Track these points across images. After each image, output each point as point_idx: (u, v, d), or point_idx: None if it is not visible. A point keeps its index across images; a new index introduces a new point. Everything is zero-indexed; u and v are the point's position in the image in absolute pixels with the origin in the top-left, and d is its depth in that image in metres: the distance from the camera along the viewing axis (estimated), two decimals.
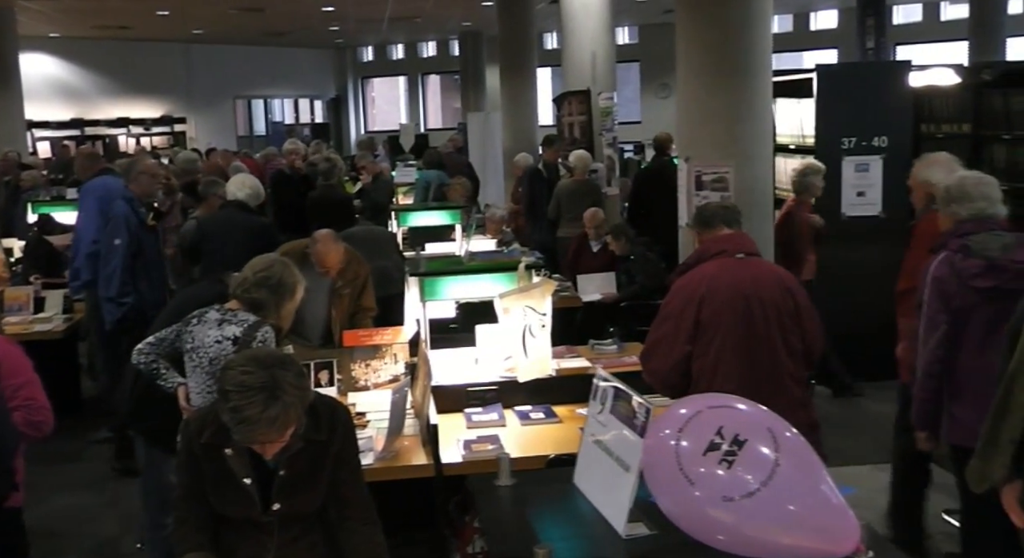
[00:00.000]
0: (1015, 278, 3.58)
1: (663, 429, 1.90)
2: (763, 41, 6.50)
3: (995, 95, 7.94)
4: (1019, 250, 3.66)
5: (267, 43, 24.83)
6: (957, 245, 3.77)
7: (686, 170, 6.56)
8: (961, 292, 3.72)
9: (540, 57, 16.68)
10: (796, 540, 1.81)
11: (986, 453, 2.80)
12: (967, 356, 3.75)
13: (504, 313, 4.61)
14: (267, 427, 2.71)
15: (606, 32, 12.22)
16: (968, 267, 3.70)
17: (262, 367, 2.74)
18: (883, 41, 19.05)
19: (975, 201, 3.86)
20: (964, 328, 3.74)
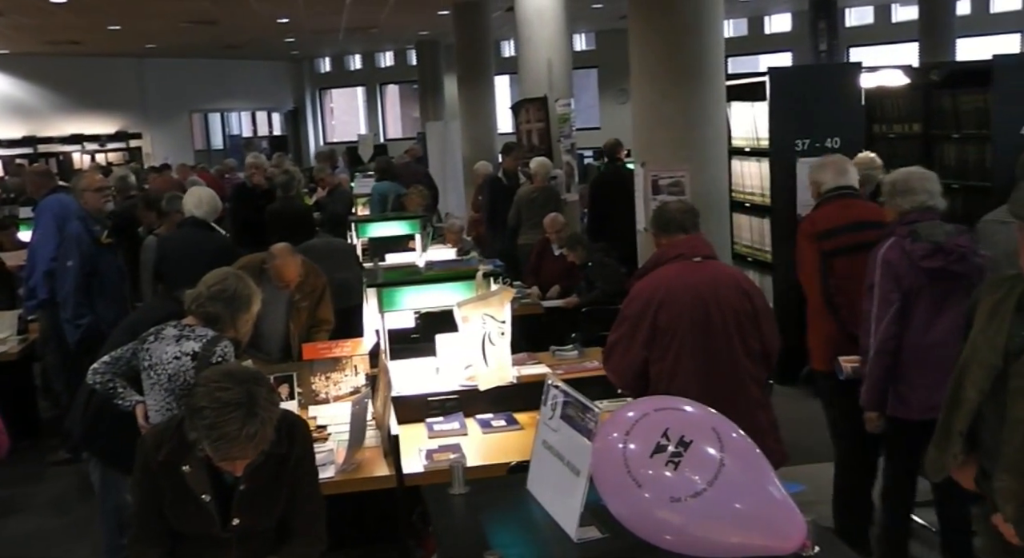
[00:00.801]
0: (958, 260, 3.99)
1: (611, 432, 1.91)
2: (715, 45, 6.56)
3: (944, 95, 8.07)
4: (960, 237, 4.07)
5: (222, 56, 24.68)
6: (905, 231, 4.11)
7: (642, 175, 6.61)
8: (911, 273, 4.05)
9: (497, 65, 16.73)
10: (743, 538, 1.83)
11: (941, 444, 2.86)
12: (913, 334, 4.09)
13: (463, 322, 4.60)
14: (245, 444, 2.71)
15: (562, 39, 12.27)
16: (917, 249, 4.04)
17: (238, 383, 2.73)
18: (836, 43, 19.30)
19: (918, 194, 4.21)
20: (912, 308, 4.07)
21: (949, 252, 4.01)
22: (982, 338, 2.74)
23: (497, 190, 10.56)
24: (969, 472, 2.81)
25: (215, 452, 2.73)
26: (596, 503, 1.95)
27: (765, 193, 7.78)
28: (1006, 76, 7.34)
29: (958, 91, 7.88)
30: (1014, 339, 2.66)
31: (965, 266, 4.00)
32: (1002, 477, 2.62)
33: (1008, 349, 2.67)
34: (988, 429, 2.72)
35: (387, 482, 3.92)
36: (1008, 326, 2.68)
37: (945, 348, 3.87)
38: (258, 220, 8.91)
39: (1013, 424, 2.60)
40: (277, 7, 16.27)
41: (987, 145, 7.51)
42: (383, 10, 17.20)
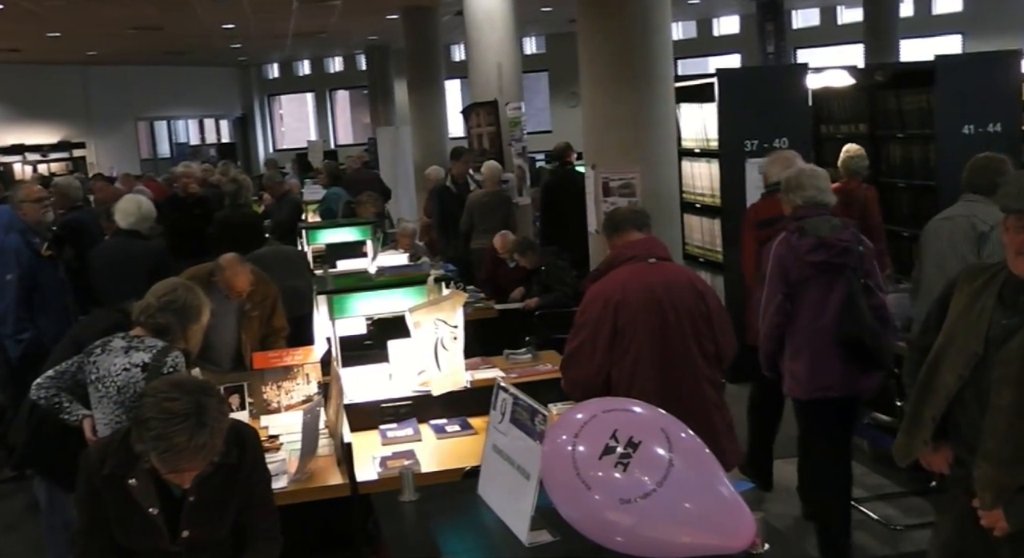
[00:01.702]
0: (840, 254, 4.35)
1: (560, 435, 1.90)
2: (664, 47, 6.60)
3: (888, 96, 8.18)
4: (844, 231, 4.41)
5: (168, 63, 24.36)
6: (795, 227, 4.48)
7: (593, 177, 6.62)
8: (797, 266, 4.41)
9: (448, 69, 16.70)
10: (694, 538, 1.82)
11: (910, 429, 2.89)
12: (804, 320, 4.42)
13: (415, 327, 4.57)
14: (194, 455, 2.66)
15: (512, 42, 12.27)
16: (803, 245, 4.40)
17: (186, 393, 2.69)
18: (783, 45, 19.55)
19: (807, 190, 4.55)
20: (802, 297, 4.42)
21: (831, 246, 4.35)
22: (962, 325, 2.76)
23: (446, 196, 10.53)
24: (941, 457, 2.84)
25: (163, 464, 2.67)
26: (547, 506, 1.93)
27: (715, 194, 7.84)
28: (948, 76, 7.46)
29: (902, 91, 8.00)
30: (996, 327, 2.68)
31: (846, 258, 4.35)
32: (982, 465, 2.64)
33: (989, 337, 2.69)
34: (967, 416, 2.75)
35: (341, 491, 3.88)
36: (990, 314, 2.70)
37: (829, 333, 4.35)
38: (193, 229, 8.77)
39: (995, 412, 2.62)
40: (223, 13, 16.11)
41: (931, 144, 7.63)
42: (331, 15, 17.10)
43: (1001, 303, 2.69)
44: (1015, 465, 2.60)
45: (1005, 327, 2.65)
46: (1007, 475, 2.61)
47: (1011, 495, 2.60)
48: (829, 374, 4.39)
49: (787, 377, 4.52)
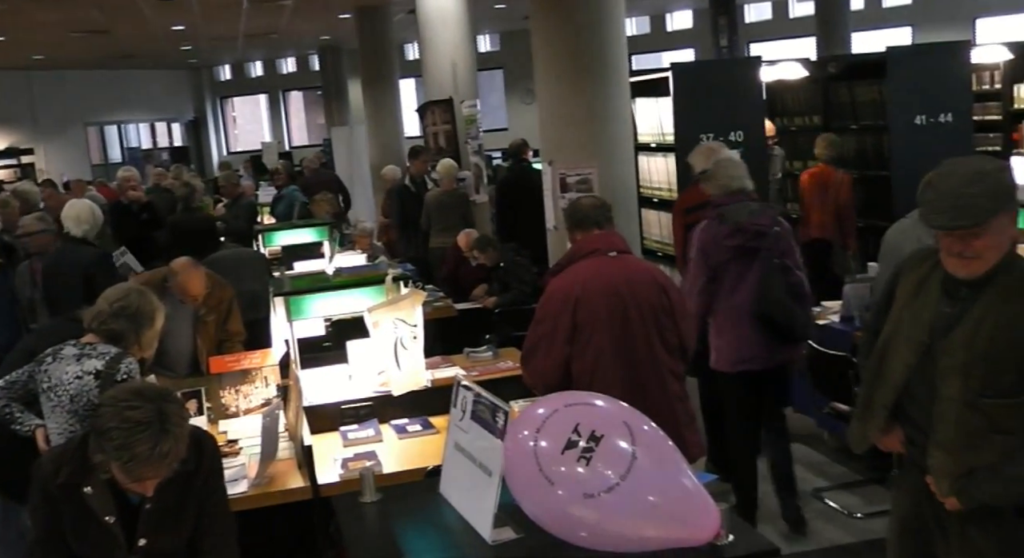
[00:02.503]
0: (754, 237, 4.71)
1: (521, 430, 1.87)
2: (617, 42, 6.60)
3: (841, 87, 8.26)
4: (761, 216, 4.75)
5: (117, 66, 23.98)
6: (715, 214, 4.84)
7: (550, 173, 6.61)
8: (717, 251, 4.77)
9: (402, 68, 16.62)
10: (658, 531, 1.81)
11: (863, 417, 2.91)
12: (726, 299, 4.79)
13: (374, 327, 4.53)
14: (159, 463, 2.60)
15: (466, 40, 12.23)
16: (721, 231, 4.77)
17: (147, 401, 2.63)
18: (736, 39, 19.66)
19: (721, 179, 4.90)
20: (723, 278, 4.79)
21: (746, 231, 4.72)
22: (908, 313, 2.78)
23: (405, 195, 10.47)
24: (894, 437, 2.87)
25: (126, 473, 2.61)
26: (510, 503, 1.91)
27: (672, 188, 7.84)
28: (899, 67, 7.54)
29: (855, 83, 8.08)
30: (940, 316, 2.70)
31: (761, 241, 4.72)
32: (935, 453, 2.67)
33: (934, 326, 2.71)
34: (916, 403, 2.77)
35: (302, 494, 3.83)
36: (935, 303, 2.72)
37: (747, 310, 4.73)
38: (141, 236, 8.63)
39: (944, 402, 2.65)
40: (171, 15, 15.89)
41: (884, 135, 7.71)
42: (282, 15, 16.95)
43: (945, 292, 2.71)
44: (965, 452, 2.64)
45: (948, 316, 2.68)
46: (958, 462, 2.65)
47: (964, 479, 2.64)
48: (748, 348, 4.78)
49: (713, 352, 4.88)
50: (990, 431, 2.61)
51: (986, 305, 2.62)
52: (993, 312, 2.61)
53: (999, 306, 2.61)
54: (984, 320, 2.61)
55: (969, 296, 2.66)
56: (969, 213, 2.55)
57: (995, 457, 2.62)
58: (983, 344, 2.60)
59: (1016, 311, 2.59)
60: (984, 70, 9.18)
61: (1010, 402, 2.59)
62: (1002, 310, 2.60)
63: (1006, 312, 2.60)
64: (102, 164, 25.29)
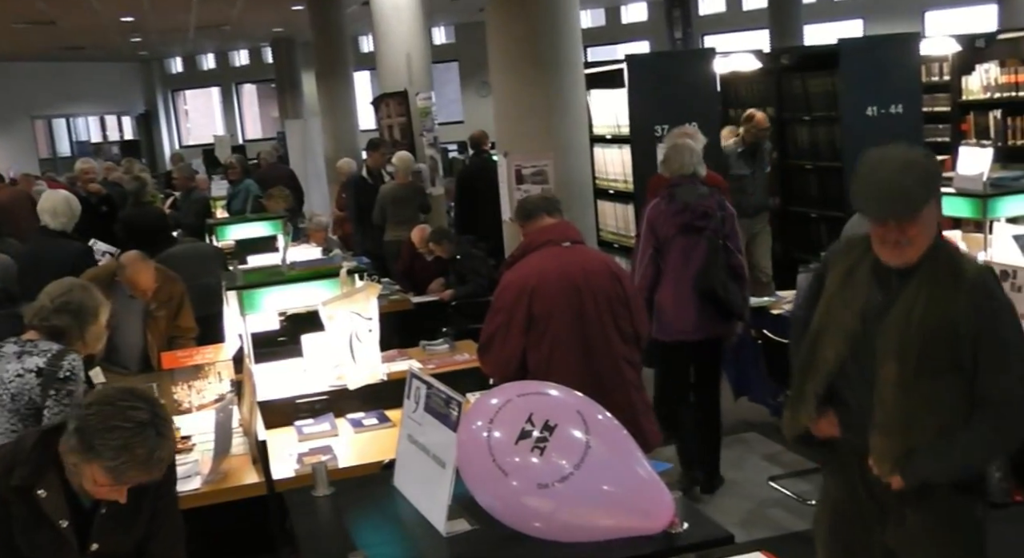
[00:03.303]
0: (700, 217, 5.05)
1: (475, 421, 1.86)
2: (572, 34, 6.59)
3: (794, 79, 8.32)
4: (708, 199, 5.12)
5: (65, 58, 23.51)
6: (665, 194, 5.18)
7: (506, 165, 6.60)
8: (664, 226, 5.10)
9: (357, 60, 16.52)
10: (612, 519, 1.80)
11: (795, 405, 2.92)
12: (670, 273, 5.08)
13: (329, 320, 4.48)
14: (151, 467, 2.52)
15: (420, 32, 12.18)
16: (670, 208, 5.11)
17: (144, 402, 2.56)
18: (690, 31, 19.80)
19: (672, 163, 5.27)
20: (669, 254, 5.09)
21: (694, 210, 5.07)
22: (838, 301, 2.80)
23: (362, 188, 10.39)
24: (827, 422, 2.88)
25: (114, 475, 2.50)
26: (465, 495, 1.90)
27: (628, 179, 7.87)
28: (851, 59, 7.62)
29: (807, 74, 8.14)
30: (871, 303, 2.73)
31: (706, 221, 5.05)
32: (876, 436, 2.70)
33: (866, 313, 2.74)
34: (851, 390, 2.79)
35: (257, 489, 3.78)
36: (866, 290, 2.75)
37: (690, 285, 5.05)
38: (99, 229, 8.49)
39: (882, 386, 2.68)
40: (119, 5, 15.63)
41: (836, 126, 7.78)
42: (233, 6, 16.74)
43: (876, 280, 2.75)
44: (905, 432, 2.68)
45: (880, 303, 2.72)
46: (899, 443, 2.68)
47: (905, 459, 2.69)
48: (687, 320, 5.08)
49: (654, 323, 5.00)
50: (927, 411, 2.67)
51: (916, 289, 2.68)
52: (924, 296, 2.67)
53: (929, 290, 2.67)
54: (915, 304, 2.67)
55: (900, 283, 2.71)
56: (906, 202, 2.61)
57: (933, 436, 2.68)
58: (916, 327, 2.65)
59: (945, 293, 2.66)
60: (933, 62, 9.30)
61: (945, 381, 2.66)
62: (932, 293, 2.66)
63: (936, 295, 2.66)
64: (50, 158, 24.83)
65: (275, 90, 25.27)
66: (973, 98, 8.88)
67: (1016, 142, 8.38)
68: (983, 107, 8.74)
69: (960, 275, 2.69)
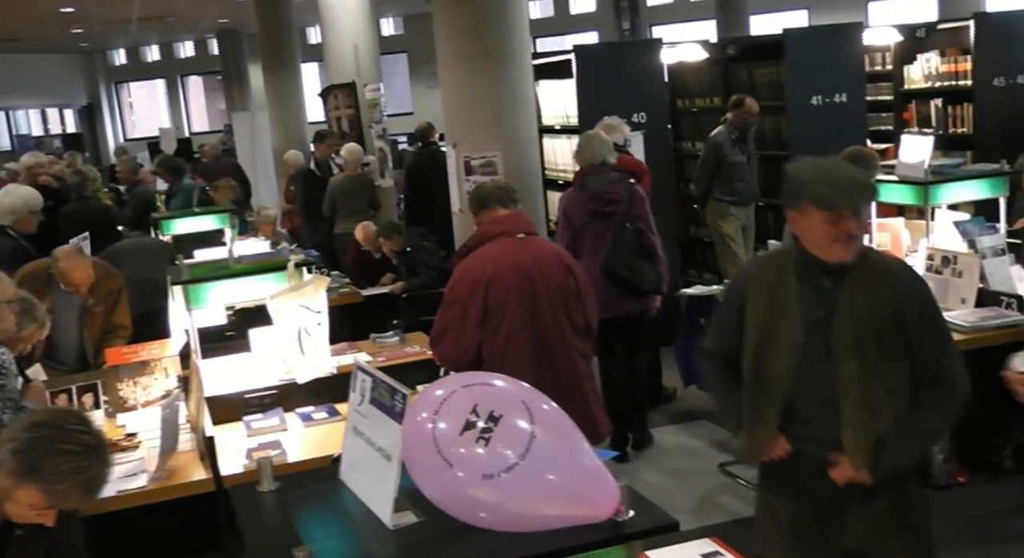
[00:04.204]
0: (607, 204, 5.46)
1: (419, 413, 1.85)
2: (520, 24, 6.59)
3: (740, 69, 8.39)
4: (616, 186, 5.51)
5: (3, 50, 23.00)
6: (578, 183, 5.63)
7: (455, 156, 6.58)
8: (576, 214, 5.53)
9: (304, 52, 16.36)
10: (559, 509, 1.81)
11: (753, 430, 2.93)
12: (585, 256, 5.35)
13: (277, 314, 4.44)
14: (96, 491, 2.49)
15: (368, 23, 12.10)
16: (581, 197, 5.56)
17: (86, 424, 2.51)
18: (638, 22, 19.88)
19: (583, 153, 5.67)
20: (583, 239, 5.48)
21: (601, 197, 5.47)
22: (774, 319, 2.83)
23: (310, 180, 10.30)
24: (780, 445, 2.90)
25: (53, 498, 2.42)
26: (411, 487, 1.89)
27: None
28: (796, 48, 7.70)
29: (753, 64, 8.21)
30: (812, 310, 2.79)
31: (614, 207, 5.45)
32: (847, 432, 2.75)
33: (807, 323, 2.78)
34: (804, 396, 2.83)
35: (205, 486, 3.74)
36: (796, 303, 2.80)
37: (600, 266, 5.38)
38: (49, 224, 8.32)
39: (845, 381, 2.74)
40: None
41: (782, 115, 7.86)
42: None
43: (806, 290, 2.79)
44: (872, 423, 2.74)
45: (822, 309, 2.77)
46: (868, 434, 2.74)
47: (873, 452, 2.74)
48: (601, 299, 4.99)
49: None
50: (888, 397, 2.75)
51: (855, 284, 2.76)
52: (864, 288, 2.76)
53: (867, 281, 2.76)
54: (858, 297, 2.75)
55: (833, 286, 2.77)
56: (872, 191, 2.78)
57: (892, 422, 2.75)
58: (866, 317, 2.73)
59: (881, 286, 2.76)
60: (876, 52, 9.43)
61: (901, 364, 2.75)
62: (871, 284, 2.76)
63: (874, 285, 2.76)
64: None
65: (221, 82, 24.97)
66: (915, 87, 9.02)
67: (957, 130, 8.53)
68: (925, 96, 8.89)
69: (886, 268, 2.82)
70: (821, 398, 2.79)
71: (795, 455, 2.87)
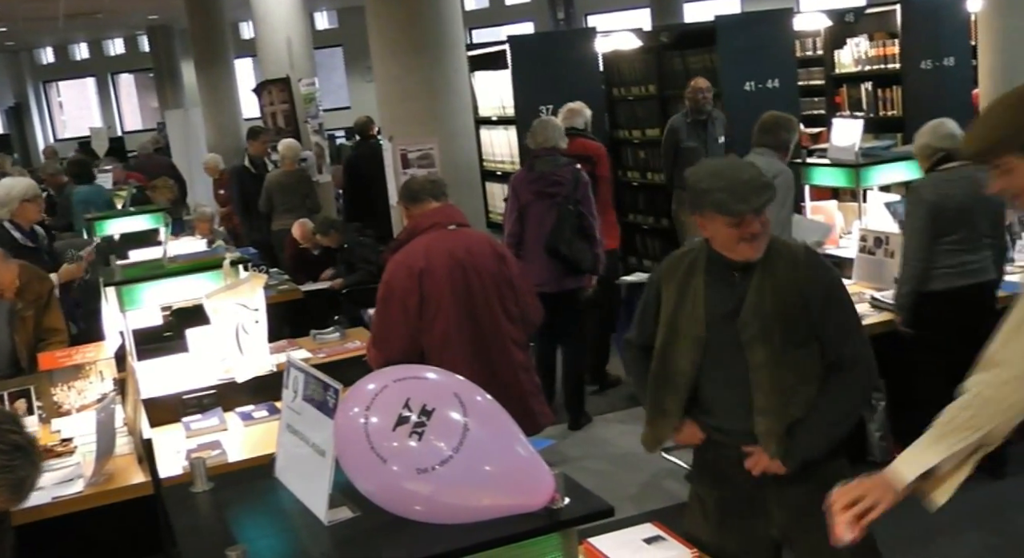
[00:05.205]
0: (551, 185, 5.81)
1: (352, 408, 1.84)
2: (453, 16, 6.56)
3: (674, 56, 8.44)
4: (563, 169, 5.84)
5: None
6: (528, 163, 6.03)
7: (391, 149, 6.55)
8: (523, 193, 5.90)
9: (238, 47, 16.14)
10: (494, 499, 1.81)
11: (656, 421, 3.02)
12: (529, 234, 5.84)
13: (214, 313, 4.39)
14: (21, 493, 2.41)
15: (301, 17, 11.97)
16: (529, 177, 5.93)
17: (17, 424, 2.44)
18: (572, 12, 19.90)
19: (536, 137, 5.97)
20: (529, 217, 5.85)
21: (546, 179, 5.82)
22: (680, 315, 2.91)
23: (245, 178, 10.16)
24: (690, 431, 2.98)
25: None
26: (347, 483, 1.88)
27: (515, 161, 7.89)
28: (728, 35, 7.76)
29: (687, 52, 8.27)
30: (717, 305, 2.86)
31: (558, 188, 5.78)
32: (760, 420, 2.82)
33: (712, 316, 2.86)
34: (715, 388, 2.91)
35: (144, 489, 3.69)
36: (704, 299, 2.87)
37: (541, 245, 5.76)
38: None
39: (756, 371, 2.80)
40: None
41: (716, 102, 7.92)
42: None
43: (717, 283, 2.87)
44: (784, 410, 2.81)
45: (731, 302, 2.84)
46: (781, 421, 2.81)
47: (786, 441, 2.81)
48: (540, 274, 5.61)
49: None
50: (798, 381, 2.82)
51: (762, 275, 2.83)
52: (770, 277, 2.83)
53: (773, 271, 2.83)
54: (764, 286, 2.82)
55: (743, 278, 2.85)
56: (768, 191, 2.80)
57: (805, 408, 2.82)
58: (772, 306, 2.80)
59: (787, 274, 2.83)
60: (807, 37, 9.55)
61: (809, 349, 2.83)
62: (776, 273, 2.83)
63: (780, 277, 2.83)
64: None
65: (154, 80, 24.54)
66: (845, 71, 9.15)
67: (887, 113, 8.67)
68: (855, 80, 9.02)
69: (793, 255, 2.88)
70: (732, 390, 2.86)
71: (715, 445, 2.95)
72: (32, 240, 6.19)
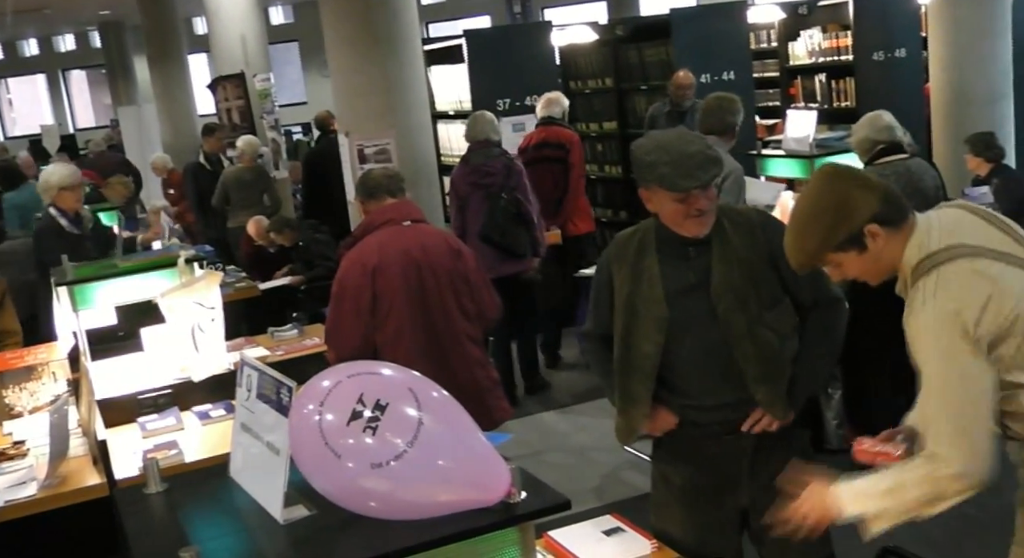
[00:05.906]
0: (484, 176, 6.12)
1: (306, 405, 1.83)
2: (408, 10, 6.52)
3: (630, 49, 8.48)
4: (495, 160, 6.16)
5: None
6: (464, 157, 6.30)
7: (348, 145, 6.50)
8: (461, 186, 6.20)
9: (191, 42, 15.96)
10: (450, 494, 1.81)
11: (626, 410, 2.94)
12: (470, 224, 6.12)
13: (169, 312, 4.33)
14: None
15: (255, 12, 11.86)
16: (464, 170, 6.24)
17: None
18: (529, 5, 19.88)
19: (469, 131, 6.33)
20: (468, 208, 6.16)
21: (479, 171, 6.13)
22: (637, 297, 2.83)
23: (200, 175, 10.06)
24: (662, 418, 2.91)
25: None
26: (302, 481, 1.86)
27: None
28: (683, 28, 7.82)
29: (643, 45, 8.31)
30: (676, 281, 2.79)
31: (490, 179, 6.10)
32: (760, 389, 2.77)
33: (673, 294, 2.78)
34: (682, 366, 2.83)
35: (99, 491, 3.63)
36: (660, 279, 2.80)
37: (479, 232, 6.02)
38: None
39: (739, 341, 2.74)
40: None
41: None
42: None
43: (673, 261, 2.81)
44: (776, 370, 2.79)
45: (693, 277, 2.78)
46: (778, 382, 2.78)
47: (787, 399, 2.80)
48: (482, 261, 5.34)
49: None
50: (781, 341, 2.79)
51: (721, 246, 2.78)
52: (730, 246, 2.78)
53: (732, 240, 2.79)
54: (728, 256, 2.77)
55: (699, 252, 2.79)
56: (714, 165, 2.72)
57: (790, 361, 2.82)
58: (740, 273, 2.76)
59: (746, 238, 2.79)
60: (761, 29, 9.63)
61: (782, 307, 2.80)
62: (736, 241, 2.79)
63: (740, 243, 2.78)
64: None
65: (106, 76, 24.18)
66: (799, 63, 9.24)
67: (841, 104, 8.77)
68: (809, 71, 9.11)
69: (745, 219, 2.85)
70: (705, 363, 2.80)
71: (683, 423, 2.89)
72: (77, 227, 6.09)
